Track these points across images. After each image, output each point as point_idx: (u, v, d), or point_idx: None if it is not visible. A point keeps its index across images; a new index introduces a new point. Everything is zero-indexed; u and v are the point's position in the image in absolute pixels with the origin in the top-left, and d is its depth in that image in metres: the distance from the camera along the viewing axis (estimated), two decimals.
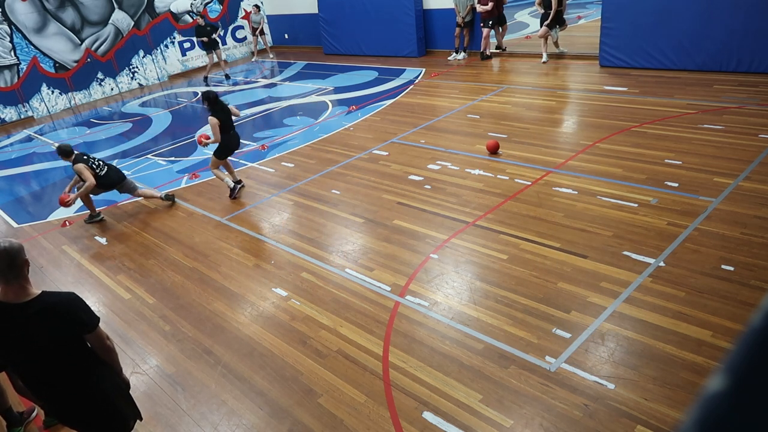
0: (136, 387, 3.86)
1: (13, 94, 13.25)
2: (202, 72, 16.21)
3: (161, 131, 10.70)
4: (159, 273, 5.50)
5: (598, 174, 6.09)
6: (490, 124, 8.29)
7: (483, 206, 5.78)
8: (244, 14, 17.16)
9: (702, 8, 8.72)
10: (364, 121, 9.35)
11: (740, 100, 7.64)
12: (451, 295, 4.47)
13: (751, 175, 5.58)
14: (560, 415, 3.22)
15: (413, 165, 7.14)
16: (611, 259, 4.58)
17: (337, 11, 14.66)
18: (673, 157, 6.21)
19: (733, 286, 4.06)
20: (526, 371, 3.58)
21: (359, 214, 6.07)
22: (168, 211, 6.93)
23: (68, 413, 2.77)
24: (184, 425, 3.59)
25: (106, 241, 6.35)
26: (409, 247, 5.25)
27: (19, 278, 2.46)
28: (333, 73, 13.33)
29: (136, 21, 15.03)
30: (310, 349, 4.10)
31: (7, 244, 2.44)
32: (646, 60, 9.68)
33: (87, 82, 14.45)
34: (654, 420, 3.09)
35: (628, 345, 3.68)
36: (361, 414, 3.45)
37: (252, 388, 3.81)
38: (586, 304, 4.11)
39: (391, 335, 4.10)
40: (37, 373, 2.62)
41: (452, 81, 11.07)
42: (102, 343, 2.64)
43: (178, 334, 4.52)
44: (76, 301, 2.58)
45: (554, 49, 11.42)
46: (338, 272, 5.03)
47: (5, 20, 12.82)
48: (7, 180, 9.24)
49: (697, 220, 4.95)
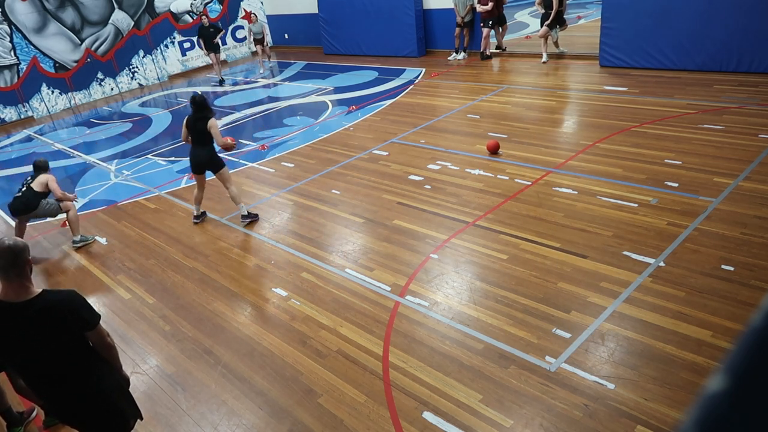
0: (136, 387, 3.86)
1: (13, 94, 13.26)
2: (202, 72, 16.21)
3: (161, 131, 10.70)
4: (159, 273, 5.50)
5: (598, 174, 6.09)
6: (490, 124, 8.29)
7: (483, 206, 5.78)
8: (244, 14, 17.16)
9: (702, 8, 8.72)
10: (364, 121, 9.35)
11: (740, 100, 7.64)
12: (451, 295, 4.47)
13: (751, 175, 5.58)
14: (560, 415, 3.22)
15: (413, 165, 7.14)
16: (611, 259, 4.58)
17: (337, 11, 14.66)
18: (673, 157, 6.21)
19: (733, 286, 4.06)
20: (526, 371, 3.58)
21: (359, 214, 6.07)
22: (168, 211, 6.93)
23: (69, 412, 2.77)
24: (184, 425, 3.59)
25: (106, 241, 6.35)
26: (409, 247, 5.25)
27: (21, 277, 2.46)
28: (333, 73, 13.33)
29: (136, 21, 15.03)
30: (310, 349, 4.10)
31: (11, 242, 2.45)
32: (646, 60, 9.68)
33: (87, 82, 14.45)
34: (654, 420, 3.09)
35: (628, 345, 3.68)
36: (361, 414, 3.45)
37: (252, 388, 3.81)
38: (586, 304, 4.11)
39: (391, 335, 4.10)
40: (38, 371, 2.62)
41: (452, 81, 11.07)
42: (103, 341, 2.65)
43: (178, 334, 4.52)
44: (77, 299, 2.58)
45: (554, 49, 11.42)
46: (338, 272, 5.03)
47: (5, 20, 12.82)
48: (7, 180, 9.24)
49: (697, 220, 4.95)
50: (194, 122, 5.91)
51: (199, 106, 5.89)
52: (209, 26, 13.31)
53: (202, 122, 5.86)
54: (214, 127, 5.85)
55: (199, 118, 5.87)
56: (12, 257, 2.42)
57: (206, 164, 6.02)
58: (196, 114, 5.90)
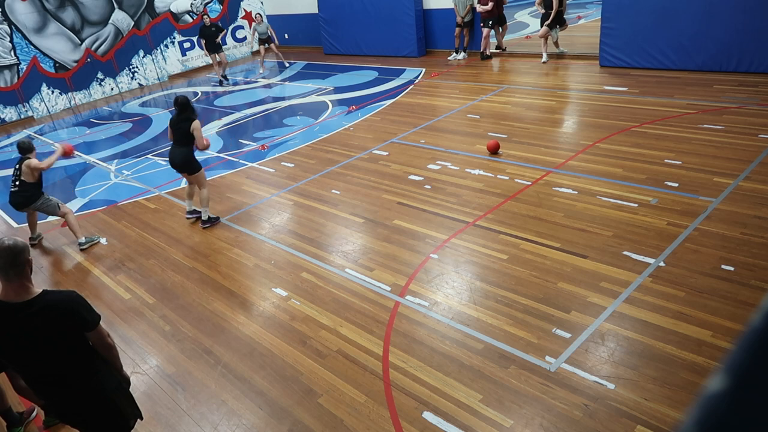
0: (136, 387, 3.86)
1: (13, 94, 13.26)
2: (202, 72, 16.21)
3: (161, 131, 10.69)
4: (159, 273, 5.50)
5: (598, 174, 6.09)
6: (490, 124, 8.29)
7: (483, 206, 5.78)
8: (244, 14, 17.16)
9: (702, 8, 8.72)
10: (364, 121, 9.35)
11: (740, 100, 7.64)
12: (451, 295, 4.47)
13: (751, 175, 5.58)
14: (560, 415, 3.22)
15: (413, 165, 7.14)
16: (611, 259, 4.58)
17: (337, 11, 14.66)
18: (673, 157, 6.21)
19: (733, 286, 4.06)
20: (526, 371, 3.58)
21: (359, 214, 6.07)
22: (168, 211, 6.93)
23: (69, 412, 2.77)
24: (184, 425, 3.59)
25: (106, 241, 6.35)
26: (409, 247, 5.25)
27: (21, 277, 2.46)
28: (333, 73, 13.33)
29: (136, 21, 15.03)
30: (310, 349, 4.10)
31: (11, 242, 2.45)
32: (646, 60, 9.68)
33: (87, 82, 14.45)
34: (654, 420, 3.09)
35: (628, 345, 3.68)
36: (361, 414, 3.45)
37: (252, 388, 3.81)
38: (586, 304, 4.11)
39: (391, 335, 4.10)
40: (38, 371, 2.62)
41: (452, 81, 11.07)
42: (103, 341, 2.65)
43: (178, 334, 4.52)
44: (78, 299, 2.59)
45: (554, 49, 11.42)
46: (338, 272, 5.03)
47: (5, 20, 12.82)
48: (7, 180, 9.23)
49: (697, 220, 4.95)
50: (177, 123, 6.00)
51: (181, 107, 5.97)
52: (210, 26, 13.24)
53: (185, 123, 5.95)
54: (197, 130, 5.94)
55: (182, 119, 5.96)
56: (12, 257, 2.42)
57: (180, 165, 6.09)
58: (179, 115, 5.98)
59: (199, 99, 12.81)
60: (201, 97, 12.99)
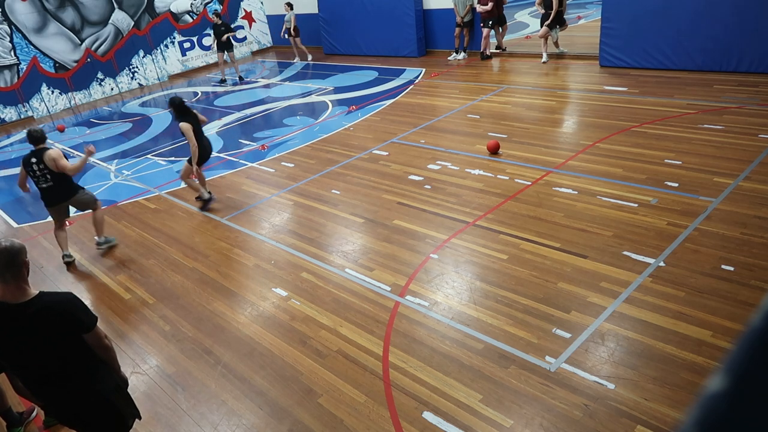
0: (136, 387, 3.87)
1: (13, 94, 13.25)
2: (202, 72, 16.21)
3: (161, 131, 10.69)
4: (159, 273, 5.50)
5: (598, 174, 6.09)
6: (490, 124, 8.29)
7: (483, 206, 5.78)
8: (244, 14, 17.15)
9: (702, 8, 8.71)
10: (364, 121, 9.35)
11: (740, 100, 7.64)
12: (451, 295, 4.47)
13: (751, 175, 5.58)
14: (560, 415, 3.22)
15: (413, 165, 7.13)
16: (611, 259, 4.58)
17: (337, 11, 14.65)
18: (673, 157, 6.21)
19: (733, 286, 4.06)
20: (526, 371, 3.58)
21: (359, 214, 6.07)
22: (168, 211, 6.93)
23: (68, 413, 2.77)
24: (184, 425, 3.59)
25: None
26: (409, 247, 5.25)
27: (18, 278, 2.46)
28: (333, 73, 13.33)
29: (136, 21, 15.02)
30: (310, 349, 4.10)
31: (8, 244, 2.44)
32: (646, 60, 9.68)
33: (87, 82, 14.44)
34: (654, 420, 3.10)
35: (628, 345, 3.68)
36: (361, 414, 3.45)
37: (252, 388, 3.81)
38: (586, 304, 4.11)
39: (391, 335, 4.10)
40: (36, 373, 2.61)
41: (452, 81, 11.07)
42: (100, 342, 2.65)
43: (178, 334, 4.52)
44: (74, 301, 2.58)
45: (554, 49, 11.42)
46: (338, 272, 5.03)
47: (5, 20, 12.82)
48: (7, 180, 9.23)
49: (697, 220, 4.95)
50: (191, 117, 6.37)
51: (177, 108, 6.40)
52: (221, 24, 13.35)
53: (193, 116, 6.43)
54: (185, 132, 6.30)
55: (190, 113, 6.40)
56: (8, 258, 2.41)
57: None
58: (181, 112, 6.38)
59: (199, 99, 12.81)
60: (201, 97, 12.99)
